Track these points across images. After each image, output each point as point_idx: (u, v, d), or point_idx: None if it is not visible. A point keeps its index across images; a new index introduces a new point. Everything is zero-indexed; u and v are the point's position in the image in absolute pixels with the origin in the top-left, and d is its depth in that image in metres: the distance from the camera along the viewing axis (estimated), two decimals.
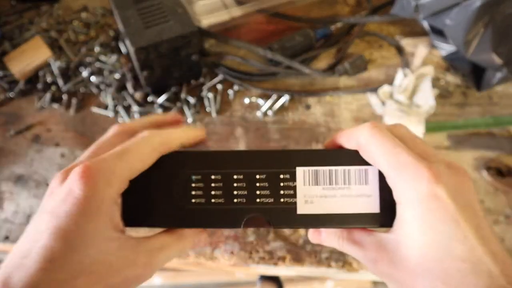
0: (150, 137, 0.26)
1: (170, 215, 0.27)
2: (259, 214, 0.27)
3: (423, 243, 0.23)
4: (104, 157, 0.24)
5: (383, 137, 0.24)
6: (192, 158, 0.28)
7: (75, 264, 0.22)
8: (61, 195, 0.23)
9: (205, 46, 0.57)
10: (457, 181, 0.23)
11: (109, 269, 0.23)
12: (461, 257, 0.22)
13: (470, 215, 0.23)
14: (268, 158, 0.28)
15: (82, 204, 0.23)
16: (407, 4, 0.51)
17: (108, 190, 0.24)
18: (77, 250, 0.22)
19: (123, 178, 0.25)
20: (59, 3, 0.63)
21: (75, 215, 0.22)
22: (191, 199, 0.27)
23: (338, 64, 0.55)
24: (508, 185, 0.44)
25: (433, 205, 0.23)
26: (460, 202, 0.23)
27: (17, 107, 0.52)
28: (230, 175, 0.28)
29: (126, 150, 0.25)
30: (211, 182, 0.28)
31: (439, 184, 0.22)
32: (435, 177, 0.23)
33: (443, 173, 0.23)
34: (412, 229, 0.23)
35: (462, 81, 0.54)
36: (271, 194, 0.27)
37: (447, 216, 0.22)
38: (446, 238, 0.22)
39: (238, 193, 0.28)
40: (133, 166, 0.25)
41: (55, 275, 0.21)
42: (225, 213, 0.27)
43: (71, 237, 0.22)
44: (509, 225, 0.42)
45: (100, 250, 0.23)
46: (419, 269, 0.22)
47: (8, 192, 0.45)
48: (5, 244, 0.42)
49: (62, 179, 0.24)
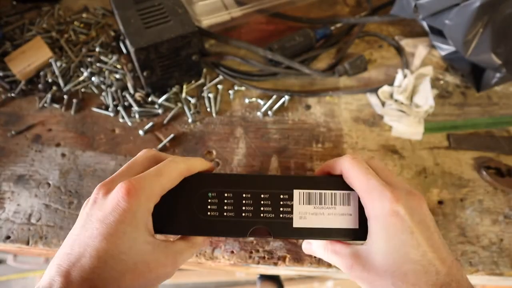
0: (178, 163, 0.32)
1: (190, 224, 0.33)
2: (262, 226, 0.33)
3: (386, 250, 0.29)
4: (144, 177, 0.30)
5: (359, 167, 0.32)
6: (210, 179, 0.34)
7: (122, 263, 0.27)
8: (109, 206, 0.28)
9: (205, 46, 0.57)
10: (414, 203, 0.30)
11: (146, 268, 0.28)
12: (415, 260, 0.28)
13: (423, 228, 0.29)
14: (272, 182, 0.34)
15: (127, 214, 0.28)
16: (407, 4, 0.51)
17: (147, 203, 0.29)
18: (123, 252, 0.27)
19: (158, 194, 0.30)
20: (60, 4, 0.63)
21: (122, 224, 0.28)
22: (208, 212, 0.33)
23: (338, 64, 0.55)
24: (507, 185, 0.44)
25: (393, 220, 0.29)
26: (415, 219, 0.29)
27: (18, 107, 0.52)
28: (240, 193, 0.34)
29: (160, 172, 0.31)
30: (224, 198, 0.34)
31: (399, 203, 0.29)
32: (395, 198, 0.29)
33: (402, 196, 0.30)
34: (378, 239, 0.29)
35: (461, 81, 0.54)
36: (273, 210, 0.34)
37: (404, 228, 0.29)
38: (404, 245, 0.28)
39: (246, 209, 0.34)
40: (165, 185, 0.31)
41: (107, 273, 0.26)
42: (234, 224, 0.33)
43: (119, 242, 0.27)
44: (508, 225, 0.42)
45: (140, 252, 0.28)
46: (384, 272, 0.28)
47: (9, 192, 0.45)
48: (6, 244, 0.42)
49: (105, 191, 0.29)
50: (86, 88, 0.53)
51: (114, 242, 0.27)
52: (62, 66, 0.54)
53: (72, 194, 0.45)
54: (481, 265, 0.40)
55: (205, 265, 0.44)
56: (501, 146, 0.47)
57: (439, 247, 0.29)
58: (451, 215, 0.43)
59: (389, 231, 0.29)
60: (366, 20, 0.57)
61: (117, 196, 0.28)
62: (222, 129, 0.49)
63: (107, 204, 0.28)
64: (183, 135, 0.49)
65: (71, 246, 0.28)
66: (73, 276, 0.26)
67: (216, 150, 0.48)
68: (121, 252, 0.27)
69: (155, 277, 0.29)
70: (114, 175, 0.31)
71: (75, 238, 0.28)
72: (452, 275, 0.28)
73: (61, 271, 0.26)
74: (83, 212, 0.30)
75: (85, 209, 0.30)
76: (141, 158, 0.34)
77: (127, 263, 0.27)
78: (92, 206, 0.29)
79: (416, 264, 0.28)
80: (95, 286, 0.26)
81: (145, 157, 0.34)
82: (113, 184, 0.30)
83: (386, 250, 0.29)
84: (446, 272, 0.27)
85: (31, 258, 1.30)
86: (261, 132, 0.49)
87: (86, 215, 0.29)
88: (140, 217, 0.29)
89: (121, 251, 0.27)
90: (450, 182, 0.45)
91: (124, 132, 0.49)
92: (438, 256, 0.28)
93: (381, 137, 0.49)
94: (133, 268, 0.28)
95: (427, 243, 0.28)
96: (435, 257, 0.28)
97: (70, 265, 0.26)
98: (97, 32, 0.59)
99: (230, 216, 0.34)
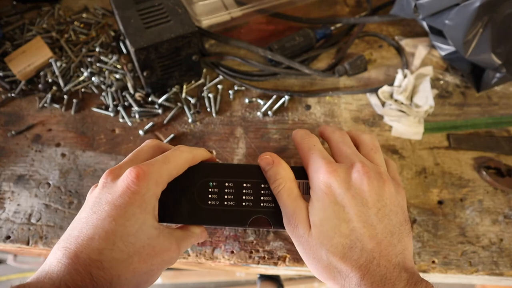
0: (184, 151, 0.33)
1: (190, 213, 0.34)
2: (262, 215, 0.34)
3: (320, 219, 0.30)
4: (152, 163, 0.31)
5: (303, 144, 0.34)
6: (211, 169, 0.35)
7: (130, 246, 0.28)
8: (119, 189, 0.29)
9: (205, 46, 0.57)
10: (355, 177, 0.31)
11: (152, 251, 0.29)
12: (345, 234, 0.29)
13: (357, 202, 0.30)
14: None
15: (137, 197, 0.29)
16: (407, 4, 0.51)
17: (156, 188, 0.30)
18: (132, 234, 0.28)
19: (165, 180, 0.31)
20: (60, 4, 0.63)
21: (132, 206, 0.28)
22: (208, 201, 0.34)
23: (338, 64, 0.55)
24: (507, 185, 0.44)
25: (326, 191, 0.31)
26: (351, 192, 0.30)
27: (18, 107, 0.52)
28: (241, 183, 0.34)
29: (168, 159, 0.32)
30: (225, 188, 0.34)
31: (331, 176, 0.31)
32: (330, 171, 0.31)
33: (341, 169, 0.31)
34: (313, 208, 0.31)
35: (461, 81, 0.54)
36: (273, 200, 0.34)
37: (336, 200, 0.30)
38: (335, 218, 0.30)
39: (246, 198, 0.34)
40: (172, 172, 0.32)
41: (115, 254, 0.27)
42: (235, 214, 0.34)
43: (128, 224, 0.28)
44: (508, 225, 0.42)
45: (147, 236, 0.29)
46: (318, 242, 0.30)
47: (9, 192, 0.45)
48: (6, 244, 0.42)
49: (114, 177, 0.30)
50: (86, 88, 0.53)
51: (123, 224, 0.28)
52: (62, 66, 0.54)
53: (72, 194, 0.45)
54: (481, 265, 0.40)
55: (205, 265, 0.44)
56: (501, 146, 0.47)
57: (372, 223, 0.29)
58: (451, 215, 0.43)
59: (323, 202, 0.30)
60: (366, 20, 0.57)
61: (127, 180, 0.29)
62: (222, 129, 0.49)
63: (117, 188, 0.29)
64: (183, 135, 0.49)
65: (79, 229, 0.28)
66: (81, 258, 0.26)
67: (216, 150, 0.48)
68: (129, 234, 0.28)
69: (160, 261, 0.30)
70: (121, 163, 0.32)
71: (83, 221, 0.28)
72: (379, 251, 0.28)
73: (69, 253, 0.26)
74: (91, 196, 0.30)
75: (92, 194, 0.30)
76: (146, 147, 0.34)
77: (134, 245, 0.28)
78: (101, 190, 0.30)
79: (345, 238, 0.29)
80: (103, 268, 0.26)
81: (150, 146, 0.35)
82: (121, 170, 0.31)
83: (320, 220, 0.30)
84: (371, 248, 0.28)
85: (31, 258, 1.30)
86: (261, 132, 0.49)
87: (95, 198, 0.29)
88: (148, 201, 0.29)
89: (130, 233, 0.28)
90: (450, 182, 0.45)
91: (124, 132, 0.49)
92: (369, 232, 0.29)
93: (381, 137, 0.49)
94: (141, 251, 0.28)
95: (359, 218, 0.29)
96: (364, 233, 0.29)
97: (78, 246, 0.27)
98: (97, 32, 0.59)
99: (230, 205, 0.34)
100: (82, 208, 0.30)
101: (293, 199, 0.32)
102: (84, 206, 0.30)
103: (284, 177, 0.33)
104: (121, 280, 0.27)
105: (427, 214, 0.43)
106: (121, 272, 0.27)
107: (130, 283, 0.28)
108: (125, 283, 0.27)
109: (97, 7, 0.62)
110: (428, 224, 0.42)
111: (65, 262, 0.26)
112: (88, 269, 0.26)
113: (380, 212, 0.30)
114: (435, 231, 0.42)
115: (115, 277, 0.27)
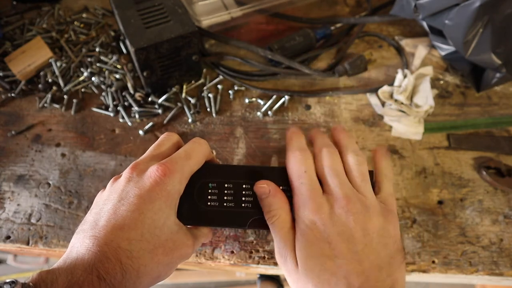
0: (202, 145, 0.34)
1: (190, 214, 0.34)
2: (262, 217, 0.33)
3: (305, 256, 0.30)
4: (176, 160, 0.32)
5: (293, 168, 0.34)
6: (211, 170, 0.35)
7: (155, 238, 0.29)
8: (147, 184, 0.30)
9: (205, 46, 0.57)
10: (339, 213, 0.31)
11: (173, 245, 0.30)
12: (332, 272, 0.29)
13: (343, 239, 0.30)
14: (272, 173, 0.35)
15: (164, 193, 0.30)
16: (407, 4, 0.51)
17: (179, 185, 0.31)
18: (158, 227, 0.29)
19: (187, 176, 0.32)
20: (60, 4, 0.63)
21: (159, 201, 0.30)
22: (208, 202, 0.34)
23: (338, 64, 0.55)
24: (507, 185, 0.44)
25: (312, 226, 0.31)
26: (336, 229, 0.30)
27: (18, 107, 0.52)
28: (240, 184, 0.34)
29: (189, 155, 0.33)
30: (224, 189, 0.34)
31: (317, 214, 0.31)
32: (315, 210, 0.31)
33: (326, 206, 0.31)
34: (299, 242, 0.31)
35: (461, 81, 0.54)
36: None
37: (322, 237, 0.30)
38: (321, 255, 0.29)
39: (246, 199, 0.34)
40: (193, 167, 0.33)
41: (143, 244, 0.28)
42: (234, 215, 0.34)
43: (155, 217, 0.29)
44: (508, 225, 0.42)
45: (170, 230, 0.30)
46: (304, 277, 0.30)
47: (9, 192, 0.45)
48: (6, 244, 0.42)
49: (139, 171, 0.31)
50: (86, 88, 0.53)
51: (151, 217, 0.29)
52: (62, 66, 0.54)
53: (72, 194, 0.45)
54: (481, 265, 0.40)
55: (205, 265, 0.44)
56: (501, 146, 0.47)
57: (359, 260, 0.29)
58: (451, 215, 0.43)
59: (308, 237, 0.30)
60: (366, 20, 0.57)
61: (155, 176, 0.30)
62: (222, 129, 0.49)
63: (144, 182, 0.30)
64: (183, 135, 0.49)
65: (106, 219, 0.29)
66: (112, 247, 0.27)
67: (216, 150, 0.48)
68: (156, 227, 0.29)
69: (179, 255, 0.31)
70: (144, 157, 0.33)
71: (111, 211, 0.29)
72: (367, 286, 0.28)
73: (98, 242, 0.27)
74: (116, 188, 0.31)
75: (117, 186, 0.31)
76: (169, 143, 0.35)
77: (159, 238, 0.29)
78: (127, 184, 0.30)
79: (332, 275, 0.29)
80: (132, 257, 0.27)
81: (172, 143, 0.35)
82: (145, 165, 0.31)
83: (305, 257, 0.30)
84: (358, 285, 0.28)
85: (31, 258, 1.30)
86: (261, 132, 0.49)
87: (121, 191, 0.30)
88: (172, 197, 0.31)
89: (156, 226, 0.29)
90: (450, 182, 0.45)
91: (124, 132, 0.49)
92: (356, 269, 0.29)
93: (381, 137, 0.49)
94: (164, 244, 0.29)
95: (345, 255, 0.29)
96: (350, 269, 0.29)
97: (108, 235, 0.27)
98: (97, 32, 0.59)
99: (230, 206, 0.34)
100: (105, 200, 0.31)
101: (285, 233, 0.32)
102: (108, 198, 0.31)
103: (279, 208, 0.33)
104: (147, 270, 0.28)
105: (427, 214, 0.43)
106: (147, 262, 0.28)
107: (153, 273, 0.29)
108: (150, 272, 0.29)
109: (97, 7, 0.62)
110: (428, 224, 0.42)
111: (95, 250, 0.27)
112: (118, 258, 0.27)
113: (367, 248, 0.29)
114: (435, 231, 0.42)
115: (141, 267, 0.28)
